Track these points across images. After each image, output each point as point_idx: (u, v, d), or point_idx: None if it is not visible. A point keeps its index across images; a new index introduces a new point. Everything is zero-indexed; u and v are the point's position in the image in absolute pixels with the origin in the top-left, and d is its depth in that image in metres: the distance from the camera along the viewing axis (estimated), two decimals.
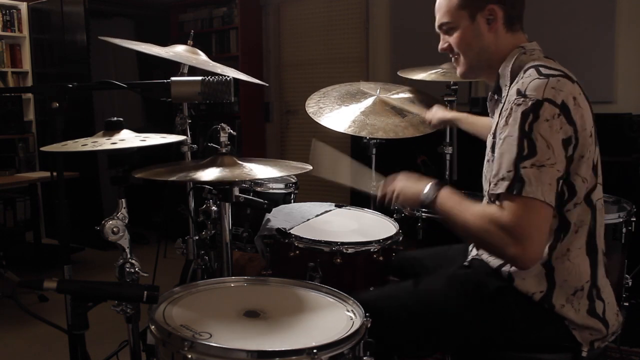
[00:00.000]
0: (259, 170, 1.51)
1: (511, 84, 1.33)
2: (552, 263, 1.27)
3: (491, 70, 1.43)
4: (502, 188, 1.17)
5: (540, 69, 1.25)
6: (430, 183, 1.35)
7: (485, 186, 1.41)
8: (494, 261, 1.38)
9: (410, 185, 1.41)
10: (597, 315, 1.28)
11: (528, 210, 1.15)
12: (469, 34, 1.39)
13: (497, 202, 1.20)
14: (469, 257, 1.50)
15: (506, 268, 1.33)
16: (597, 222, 1.29)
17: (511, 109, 1.21)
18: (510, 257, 1.18)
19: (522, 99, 1.20)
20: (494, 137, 1.32)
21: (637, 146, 3.04)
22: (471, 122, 2.01)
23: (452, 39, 1.42)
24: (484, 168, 1.44)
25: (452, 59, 1.48)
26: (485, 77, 1.47)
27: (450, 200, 1.30)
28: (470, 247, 1.55)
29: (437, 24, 1.45)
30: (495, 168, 1.21)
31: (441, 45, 1.47)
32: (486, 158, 1.42)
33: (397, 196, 1.42)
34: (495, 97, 1.43)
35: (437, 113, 2.16)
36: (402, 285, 1.51)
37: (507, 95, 1.33)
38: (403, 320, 1.36)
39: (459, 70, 1.47)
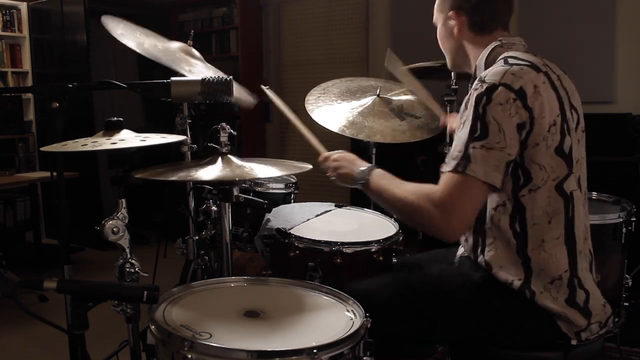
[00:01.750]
0: (259, 170, 1.51)
1: None
2: (528, 253, 1.28)
3: (471, 66, 1.48)
4: (450, 166, 1.23)
5: (509, 59, 1.29)
6: (365, 165, 1.45)
7: None
8: (471, 253, 1.40)
9: (345, 164, 1.51)
10: (577, 304, 1.28)
11: (462, 187, 1.21)
12: (442, 33, 1.50)
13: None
14: (457, 256, 1.53)
15: (481, 258, 1.35)
16: (574, 214, 1.29)
17: (469, 94, 1.26)
18: (434, 227, 1.23)
19: (479, 84, 1.25)
20: None
21: (637, 146, 3.04)
22: None
23: (438, 35, 1.53)
24: None
25: None
26: (471, 71, 1.51)
27: (383, 178, 1.40)
28: (459, 247, 1.56)
29: None
30: (451, 150, 1.26)
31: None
32: None
33: (333, 171, 1.53)
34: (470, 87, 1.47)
35: (454, 123, 2.04)
36: (396, 277, 1.53)
37: None
38: (397, 307, 1.38)
39: (447, 65, 1.58)
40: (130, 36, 1.74)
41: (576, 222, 1.30)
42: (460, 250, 1.52)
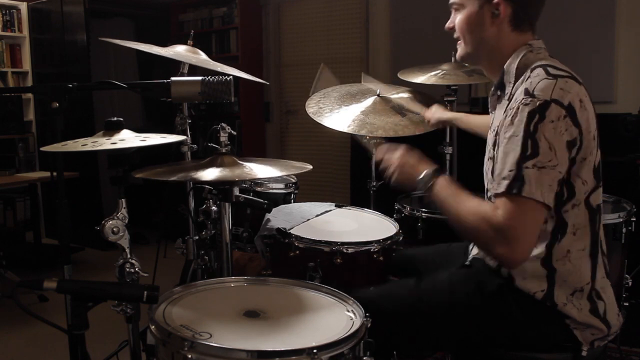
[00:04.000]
0: (259, 170, 1.50)
1: (516, 81, 1.32)
2: (552, 264, 1.27)
3: (491, 64, 1.41)
4: (503, 187, 1.18)
5: (549, 69, 1.24)
6: (429, 168, 1.35)
7: (487, 183, 1.41)
8: (492, 262, 1.38)
9: (410, 164, 1.40)
10: (599, 314, 1.28)
11: (522, 211, 1.16)
12: (473, 19, 1.36)
13: (492, 200, 1.20)
14: (470, 257, 1.50)
15: (505, 269, 1.33)
16: (599, 226, 1.30)
17: (518, 108, 1.20)
18: (498, 256, 1.20)
19: (530, 99, 1.19)
20: (496, 133, 1.32)
21: (632, 146, 3.04)
22: (468, 121, 2.01)
23: (458, 20, 1.40)
24: (484, 165, 1.43)
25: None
26: (483, 67, 1.46)
27: (446, 189, 1.31)
28: (470, 247, 1.55)
29: None
30: (498, 167, 1.21)
31: (448, 23, 1.44)
32: (487, 155, 1.41)
33: (395, 171, 1.42)
34: (498, 92, 1.41)
35: (436, 113, 2.16)
36: (402, 284, 1.51)
37: (511, 93, 1.32)
38: (404, 318, 1.36)
39: (458, 53, 1.46)
40: None
41: (600, 233, 1.30)
42: (475, 251, 1.49)
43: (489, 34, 1.36)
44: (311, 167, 1.59)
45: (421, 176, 1.35)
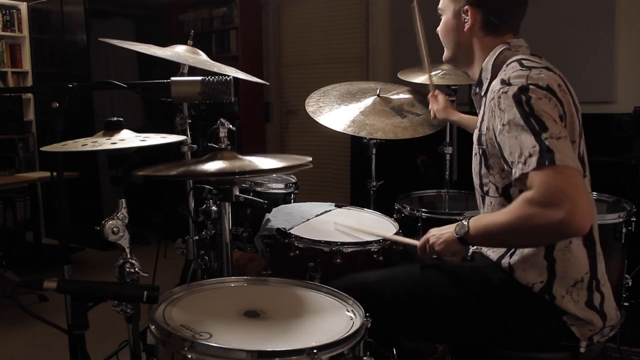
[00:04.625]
0: (260, 162, 1.49)
1: (492, 78, 1.34)
2: (554, 254, 1.28)
3: (470, 66, 1.46)
4: (533, 164, 1.12)
5: (523, 61, 1.28)
6: (458, 222, 1.32)
7: (476, 180, 1.43)
8: (493, 254, 1.38)
9: (442, 232, 1.37)
10: (594, 307, 1.28)
11: (561, 176, 1.10)
12: (449, 25, 1.44)
13: (525, 182, 1.15)
14: (470, 251, 1.51)
15: (506, 260, 1.33)
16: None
17: (499, 97, 1.22)
18: (561, 226, 1.09)
19: (507, 87, 1.21)
20: (480, 129, 1.34)
21: (631, 146, 3.04)
22: (467, 122, 2.03)
23: (440, 26, 1.48)
24: (472, 164, 1.44)
25: None
26: (466, 69, 1.50)
27: (481, 219, 1.29)
28: None
29: None
30: (515, 150, 1.17)
31: (438, 28, 1.51)
32: (473, 152, 1.42)
33: (433, 244, 1.38)
34: (477, 90, 1.44)
35: (444, 112, 2.09)
36: (405, 270, 1.50)
37: (487, 87, 1.35)
38: (405, 303, 1.37)
39: (444, 55, 1.53)
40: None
41: (594, 224, 1.31)
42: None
43: (462, 39, 1.42)
44: (310, 159, 1.57)
45: (455, 228, 1.32)
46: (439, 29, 1.50)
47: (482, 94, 1.39)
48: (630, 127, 2.99)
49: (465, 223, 1.29)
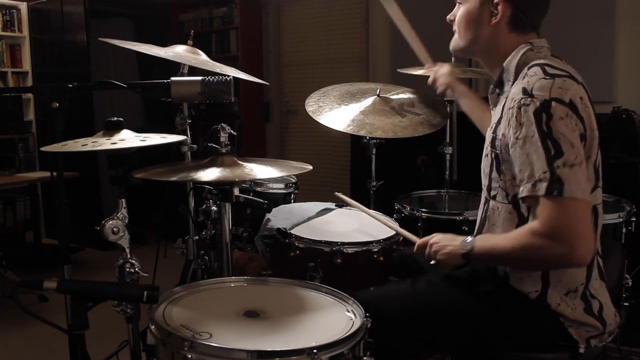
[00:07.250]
0: (259, 171, 1.50)
1: (515, 79, 1.31)
2: None
3: (487, 60, 1.42)
4: (541, 190, 1.14)
5: (546, 68, 1.24)
6: (465, 237, 1.33)
7: (485, 181, 1.40)
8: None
9: (447, 242, 1.37)
10: (593, 313, 1.28)
11: (568, 210, 1.13)
12: (472, 16, 1.37)
13: (531, 203, 1.18)
14: None
15: (502, 267, 1.33)
16: (597, 226, 1.29)
17: (519, 108, 1.19)
18: (561, 260, 1.16)
19: (529, 99, 1.18)
20: (494, 132, 1.32)
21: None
22: (470, 106, 1.91)
23: (458, 14, 1.41)
24: (482, 163, 1.42)
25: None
26: (480, 62, 1.46)
27: (487, 240, 1.30)
28: None
29: None
30: (525, 169, 1.18)
31: (449, 15, 1.45)
32: (484, 152, 1.40)
33: (436, 252, 1.38)
34: (497, 90, 1.40)
35: (446, 77, 1.97)
36: (400, 286, 1.51)
37: (509, 91, 1.31)
38: (402, 320, 1.36)
39: (451, 44, 1.46)
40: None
41: (597, 233, 1.30)
42: None
43: (485, 32, 1.36)
44: (311, 167, 1.59)
45: (461, 243, 1.32)
46: (454, 17, 1.43)
47: (504, 95, 1.35)
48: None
49: (470, 240, 1.30)
